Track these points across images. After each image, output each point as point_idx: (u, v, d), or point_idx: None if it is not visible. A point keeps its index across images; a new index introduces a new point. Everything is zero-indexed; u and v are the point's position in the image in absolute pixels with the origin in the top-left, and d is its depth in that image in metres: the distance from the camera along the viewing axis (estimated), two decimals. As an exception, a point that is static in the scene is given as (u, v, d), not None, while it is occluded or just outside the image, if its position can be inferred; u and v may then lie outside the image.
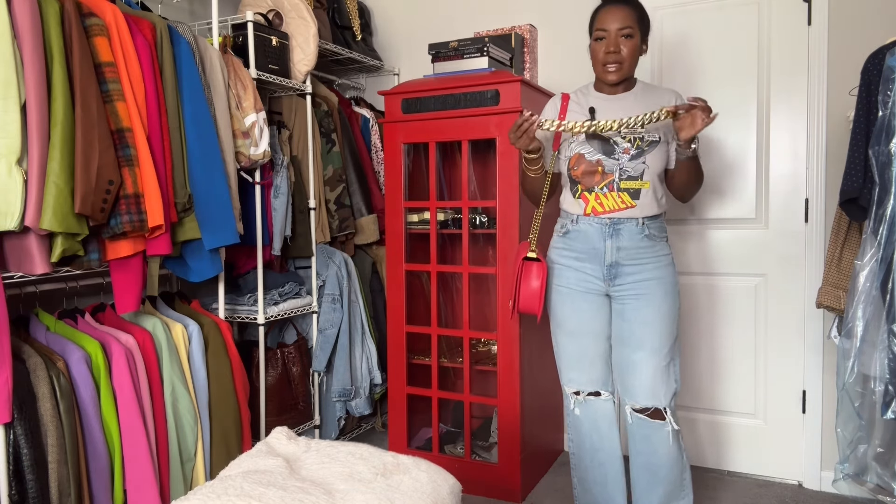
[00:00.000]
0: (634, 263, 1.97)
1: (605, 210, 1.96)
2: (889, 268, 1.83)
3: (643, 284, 1.96)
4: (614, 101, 2.01)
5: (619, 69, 1.93)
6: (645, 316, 1.96)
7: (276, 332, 2.99)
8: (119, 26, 1.92)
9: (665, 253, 2.01)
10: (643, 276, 1.96)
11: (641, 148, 1.94)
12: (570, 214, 2.03)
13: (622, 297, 1.99)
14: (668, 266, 2.00)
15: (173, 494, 2.06)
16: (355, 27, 3.23)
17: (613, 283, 1.99)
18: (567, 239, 2.04)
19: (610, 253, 1.97)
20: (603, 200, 1.96)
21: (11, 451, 1.70)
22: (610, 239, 1.96)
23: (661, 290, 1.97)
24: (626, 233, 1.96)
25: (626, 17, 1.91)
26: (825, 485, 2.58)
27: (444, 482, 1.54)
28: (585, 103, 2.03)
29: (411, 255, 2.76)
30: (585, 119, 1.97)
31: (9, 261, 1.79)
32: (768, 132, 2.66)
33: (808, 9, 2.55)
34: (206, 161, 2.16)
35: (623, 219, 1.95)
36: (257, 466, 1.52)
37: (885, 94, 1.86)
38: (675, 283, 2.01)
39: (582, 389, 2.06)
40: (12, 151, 1.65)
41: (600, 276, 2.00)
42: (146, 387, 2.00)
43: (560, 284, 2.06)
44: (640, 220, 1.96)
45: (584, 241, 2.00)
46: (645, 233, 1.96)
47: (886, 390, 1.82)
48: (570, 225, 2.03)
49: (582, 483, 2.15)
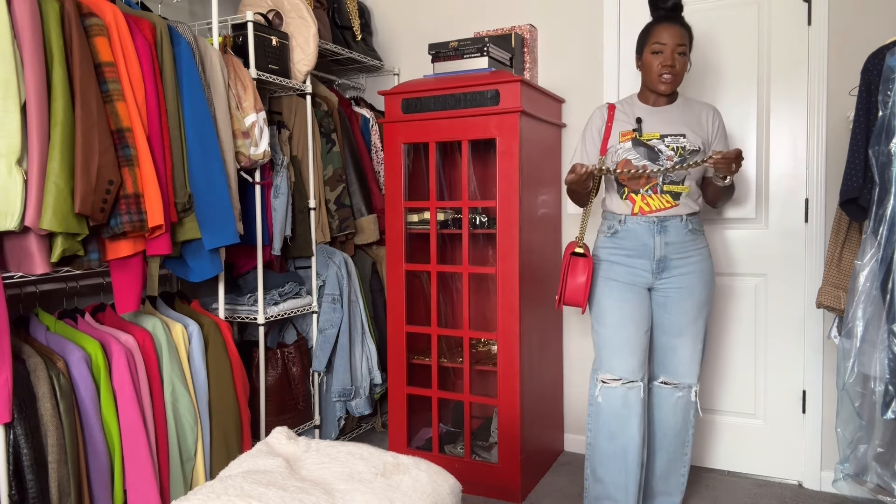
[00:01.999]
0: (680, 256, 2.17)
1: (651, 210, 2.15)
2: (889, 268, 1.83)
3: (686, 278, 2.17)
4: (659, 112, 2.20)
5: (673, 81, 2.12)
6: (687, 308, 2.18)
7: (276, 332, 2.99)
8: (119, 26, 1.92)
9: (704, 245, 2.23)
10: (687, 268, 2.17)
11: (684, 156, 2.13)
12: (618, 215, 2.21)
13: (665, 290, 2.19)
14: (707, 258, 2.23)
15: (173, 494, 2.06)
16: (355, 27, 3.23)
17: (660, 277, 2.18)
18: (616, 238, 2.21)
19: (659, 248, 2.15)
20: (649, 201, 2.15)
21: (11, 451, 1.70)
22: (659, 235, 2.15)
23: (700, 283, 2.18)
24: (672, 229, 2.15)
25: (682, 36, 2.10)
26: (825, 485, 2.58)
27: (444, 482, 1.54)
28: (632, 113, 2.21)
29: (411, 255, 2.76)
30: (633, 128, 2.19)
31: (9, 261, 1.79)
32: (768, 132, 2.66)
33: (808, 9, 2.55)
34: (206, 161, 2.16)
35: (669, 216, 2.15)
36: (257, 466, 1.52)
37: (885, 94, 1.86)
38: (712, 273, 2.24)
39: (623, 377, 2.16)
40: (12, 151, 1.65)
41: (649, 269, 2.17)
42: (146, 387, 2.00)
43: (609, 277, 2.20)
44: (684, 217, 2.16)
45: (633, 239, 2.17)
46: (689, 227, 2.17)
47: (886, 390, 1.82)
48: (618, 225, 2.20)
49: (594, 473, 2.23)
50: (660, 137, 2.15)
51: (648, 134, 2.16)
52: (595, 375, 2.22)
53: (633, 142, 2.15)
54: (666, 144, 2.13)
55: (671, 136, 2.14)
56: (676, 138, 2.14)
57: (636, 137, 2.16)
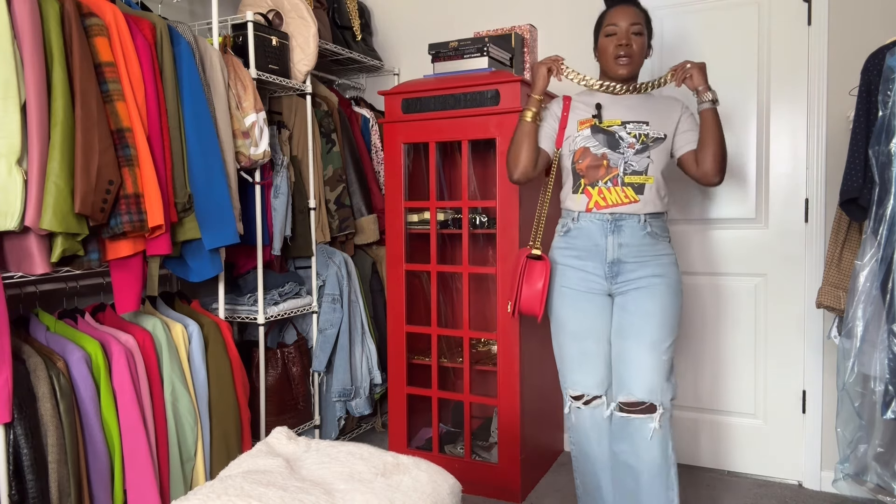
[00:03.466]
0: (636, 261, 1.96)
1: (608, 204, 1.97)
2: (889, 268, 1.83)
3: (646, 280, 1.96)
4: (621, 100, 2.05)
5: (630, 63, 1.99)
6: (647, 307, 1.94)
7: (276, 332, 2.99)
8: (119, 26, 1.92)
9: (667, 252, 2.00)
10: (645, 272, 1.96)
11: (646, 143, 1.97)
12: (572, 212, 2.04)
13: (624, 291, 1.98)
14: (670, 265, 1.99)
15: (173, 494, 2.06)
16: (355, 27, 3.23)
17: (615, 281, 1.98)
18: (568, 237, 2.05)
19: (612, 250, 1.97)
20: (606, 195, 1.97)
21: (11, 451, 1.70)
22: (612, 235, 1.97)
23: (664, 285, 1.96)
24: (627, 229, 1.96)
25: (636, 15, 1.99)
26: (825, 485, 2.58)
27: (444, 482, 1.54)
28: (591, 102, 2.06)
29: (411, 255, 2.76)
30: (593, 114, 2.02)
31: (9, 261, 1.79)
32: (768, 132, 2.66)
33: (808, 9, 2.55)
34: (206, 161, 2.16)
35: (625, 215, 1.96)
36: (257, 466, 1.52)
37: (885, 94, 1.86)
38: (678, 282, 2.00)
39: (586, 393, 2.02)
40: (12, 151, 1.65)
41: (602, 274, 1.99)
42: (146, 387, 2.00)
43: (563, 285, 2.04)
44: (643, 217, 1.96)
45: (585, 239, 2.01)
46: (647, 230, 1.97)
47: (886, 390, 1.82)
48: (571, 223, 2.04)
49: (584, 485, 2.13)
50: (621, 124, 1.99)
51: (609, 121, 2.00)
52: (564, 390, 2.09)
53: (592, 129, 2.00)
54: (628, 131, 1.97)
55: (634, 122, 1.99)
56: (639, 125, 1.98)
57: (596, 124, 2.00)
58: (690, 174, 2.02)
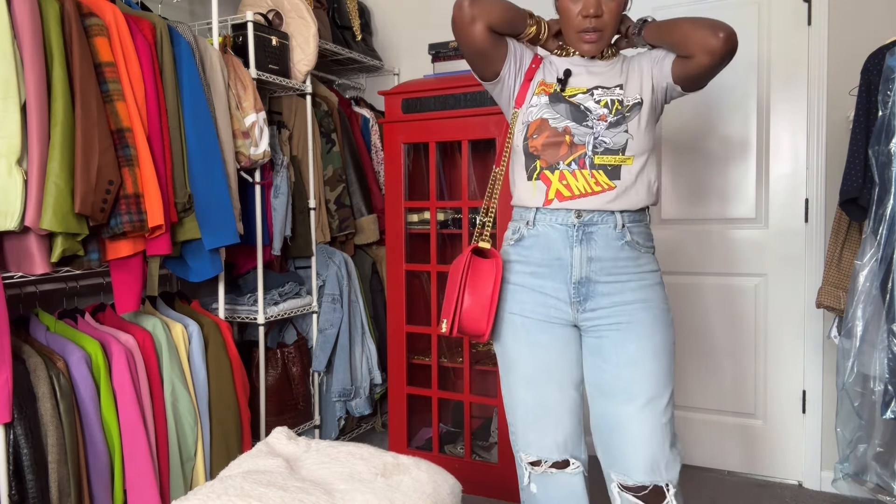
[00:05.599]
0: (611, 281, 1.46)
1: (572, 194, 1.45)
2: (889, 268, 1.83)
3: (624, 309, 1.46)
4: (592, 64, 1.55)
5: (600, 38, 1.47)
6: (631, 353, 1.44)
7: (276, 332, 2.99)
8: (119, 26, 1.92)
9: (652, 269, 1.51)
10: (623, 297, 1.46)
11: (622, 113, 1.46)
12: (526, 212, 1.52)
13: (597, 329, 1.48)
14: (655, 286, 1.50)
15: (173, 494, 2.06)
16: (355, 27, 3.23)
17: (583, 309, 1.48)
18: (520, 248, 1.53)
19: (578, 265, 1.46)
20: (570, 181, 1.45)
21: (11, 451, 1.70)
22: (579, 246, 1.46)
23: (650, 316, 1.46)
24: (599, 238, 1.46)
25: None
26: (825, 485, 2.58)
27: (444, 482, 1.54)
28: (560, 65, 1.56)
29: (411, 255, 2.76)
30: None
31: (9, 261, 1.79)
32: (768, 132, 2.66)
33: (808, 9, 2.55)
34: (206, 161, 2.16)
35: (596, 216, 1.46)
36: (257, 466, 1.52)
37: (885, 94, 1.86)
38: (666, 309, 1.50)
39: (544, 458, 1.52)
40: (12, 151, 1.65)
41: (565, 297, 1.48)
42: (146, 387, 2.00)
43: (512, 312, 1.53)
44: (620, 221, 1.46)
45: (543, 250, 1.49)
46: (625, 239, 1.47)
47: (886, 390, 1.83)
48: (524, 228, 1.52)
49: None
50: (587, 91, 1.49)
51: (572, 89, 1.49)
52: (516, 454, 1.57)
53: (550, 97, 1.49)
54: (596, 100, 1.47)
55: (602, 88, 1.49)
56: (611, 90, 1.48)
57: (556, 91, 1.50)
58: (691, 70, 1.45)
